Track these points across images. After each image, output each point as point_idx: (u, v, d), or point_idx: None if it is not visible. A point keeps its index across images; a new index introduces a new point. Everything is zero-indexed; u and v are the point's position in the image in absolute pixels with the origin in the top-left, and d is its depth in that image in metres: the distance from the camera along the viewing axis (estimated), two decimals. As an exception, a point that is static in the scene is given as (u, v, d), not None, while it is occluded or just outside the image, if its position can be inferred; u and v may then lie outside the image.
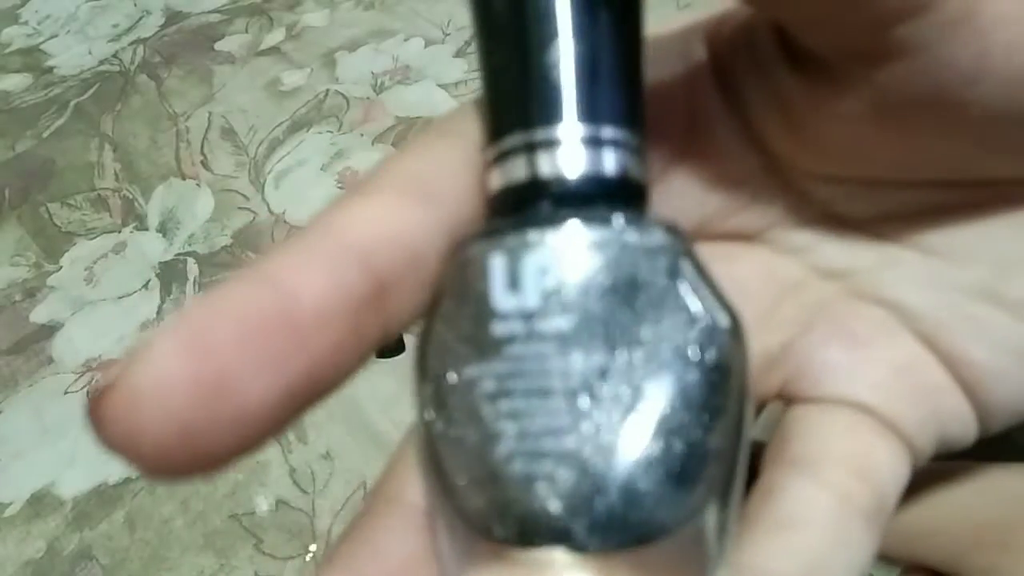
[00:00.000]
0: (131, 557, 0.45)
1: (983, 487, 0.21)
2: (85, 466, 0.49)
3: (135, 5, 0.85)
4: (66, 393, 0.53)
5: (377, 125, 0.68)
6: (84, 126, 0.72)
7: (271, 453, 0.48)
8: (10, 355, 0.55)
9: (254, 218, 0.62)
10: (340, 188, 0.63)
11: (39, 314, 0.58)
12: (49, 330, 0.56)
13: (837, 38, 0.13)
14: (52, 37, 0.82)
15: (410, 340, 0.57)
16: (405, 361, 0.61)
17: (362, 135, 0.68)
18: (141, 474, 0.12)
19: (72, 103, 0.74)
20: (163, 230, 0.62)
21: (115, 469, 0.48)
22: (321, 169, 0.65)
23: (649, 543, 0.13)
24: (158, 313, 0.56)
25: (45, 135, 0.71)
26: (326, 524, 0.45)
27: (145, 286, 0.58)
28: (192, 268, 0.59)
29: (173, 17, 0.83)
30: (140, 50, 0.79)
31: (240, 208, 0.63)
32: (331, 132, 0.68)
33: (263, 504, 0.46)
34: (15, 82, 0.77)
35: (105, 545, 0.46)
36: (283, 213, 0.62)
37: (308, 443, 0.48)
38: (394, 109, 0.69)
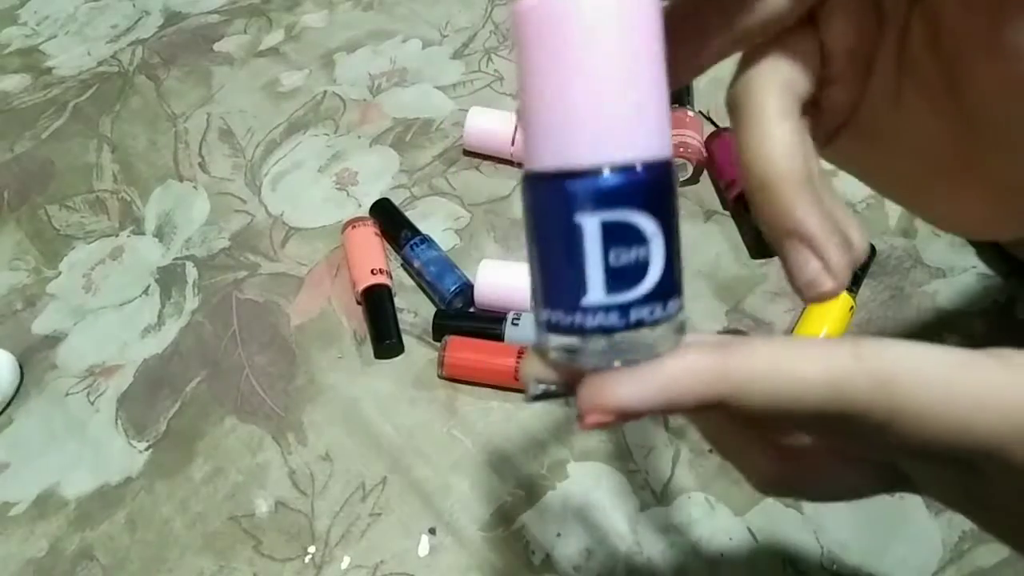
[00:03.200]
0: (131, 557, 0.45)
1: None
2: (88, 467, 0.49)
3: (134, 6, 0.85)
4: (66, 394, 0.53)
5: (374, 127, 0.68)
6: (83, 127, 0.72)
7: (271, 455, 0.48)
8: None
9: (251, 220, 0.62)
10: (338, 190, 0.63)
11: (41, 325, 0.57)
12: (53, 340, 0.56)
13: None
14: (51, 38, 0.82)
15: (409, 341, 0.57)
16: (404, 362, 0.61)
17: (359, 137, 0.68)
18: None
19: (71, 104, 0.74)
20: (160, 234, 0.62)
21: (116, 470, 0.49)
22: (318, 171, 0.65)
23: None
24: (159, 318, 0.57)
25: (44, 136, 0.71)
26: (325, 526, 0.45)
27: (145, 292, 0.58)
28: (191, 271, 0.59)
29: (172, 18, 0.83)
30: (139, 51, 0.79)
31: (237, 211, 0.63)
32: (328, 134, 0.68)
33: (262, 506, 0.46)
34: (14, 83, 0.77)
35: (106, 545, 0.46)
36: (280, 215, 0.62)
37: (307, 445, 0.49)
38: (391, 111, 0.70)
